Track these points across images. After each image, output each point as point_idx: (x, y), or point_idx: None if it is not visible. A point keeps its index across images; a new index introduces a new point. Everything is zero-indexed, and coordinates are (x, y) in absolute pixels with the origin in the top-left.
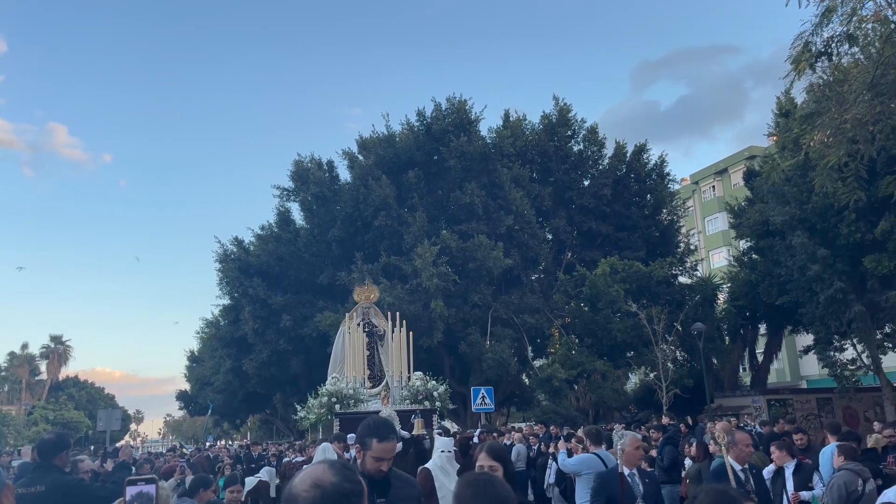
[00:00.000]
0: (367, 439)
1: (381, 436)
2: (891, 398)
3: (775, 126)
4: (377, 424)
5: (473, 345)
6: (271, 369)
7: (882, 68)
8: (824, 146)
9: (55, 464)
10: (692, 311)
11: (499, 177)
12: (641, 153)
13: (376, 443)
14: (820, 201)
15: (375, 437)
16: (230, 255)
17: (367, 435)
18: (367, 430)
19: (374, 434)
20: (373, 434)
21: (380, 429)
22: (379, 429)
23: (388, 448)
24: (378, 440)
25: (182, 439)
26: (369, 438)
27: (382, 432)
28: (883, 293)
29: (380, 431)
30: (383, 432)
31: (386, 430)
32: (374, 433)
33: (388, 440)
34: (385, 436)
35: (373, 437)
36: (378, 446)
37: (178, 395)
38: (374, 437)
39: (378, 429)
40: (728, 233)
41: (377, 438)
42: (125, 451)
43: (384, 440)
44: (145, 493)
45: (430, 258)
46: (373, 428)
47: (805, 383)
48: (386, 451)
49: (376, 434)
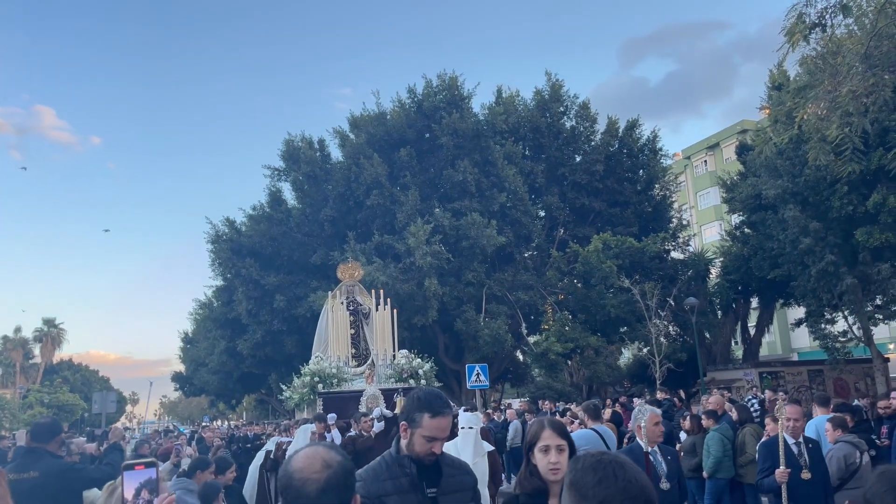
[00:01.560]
0: (415, 414)
1: (434, 409)
2: (881, 369)
3: (768, 99)
4: (429, 396)
5: (468, 322)
6: (266, 349)
7: (876, 39)
8: (818, 119)
9: (48, 449)
10: (685, 286)
11: (491, 154)
12: (633, 129)
13: (428, 418)
14: (812, 174)
15: (427, 410)
16: (222, 235)
17: (417, 409)
18: (417, 404)
19: (426, 407)
20: (423, 408)
21: (432, 401)
22: (431, 401)
23: (442, 425)
24: (431, 415)
25: (178, 420)
26: (419, 413)
27: (435, 405)
28: (874, 265)
29: (432, 404)
30: (436, 405)
31: (440, 402)
32: (426, 406)
33: (442, 415)
34: (439, 409)
35: (423, 412)
36: (431, 423)
37: (174, 377)
38: (425, 410)
39: (430, 401)
40: (720, 207)
41: (429, 413)
42: (116, 433)
43: (438, 415)
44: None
45: (423, 237)
46: (423, 400)
47: (796, 356)
48: (440, 429)
49: (428, 407)
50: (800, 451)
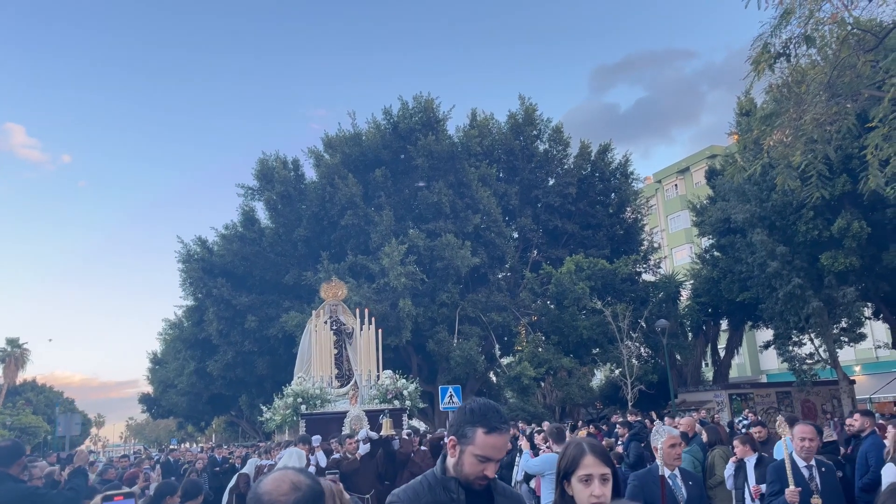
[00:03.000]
0: (466, 428)
1: (490, 424)
2: (847, 391)
3: (737, 125)
4: (483, 408)
5: (441, 343)
6: (236, 371)
7: (838, 69)
8: (783, 146)
9: (10, 473)
10: (656, 308)
11: (466, 176)
12: (605, 153)
13: (482, 434)
14: (779, 199)
15: (481, 425)
16: (193, 255)
17: (469, 422)
18: (469, 416)
19: (480, 421)
20: (477, 421)
21: (487, 414)
22: (486, 414)
23: (499, 443)
24: (486, 430)
25: (145, 443)
26: (471, 427)
27: (492, 419)
28: (839, 289)
29: (487, 418)
30: (493, 419)
31: (496, 416)
32: (480, 420)
33: (498, 431)
34: (495, 424)
35: (477, 426)
36: (485, 439)
37: (141, 398)
38: (478, 425)
39: (485, 414)
40: (690, 230)
41: (484, 427)
42: (81, 457)
43: (494, 430)
44: None
45: (397, 257)
46: (477, 413)
47: (765, 377)
48: (496, 448)
49: (482, 421)
50: (811, 475)
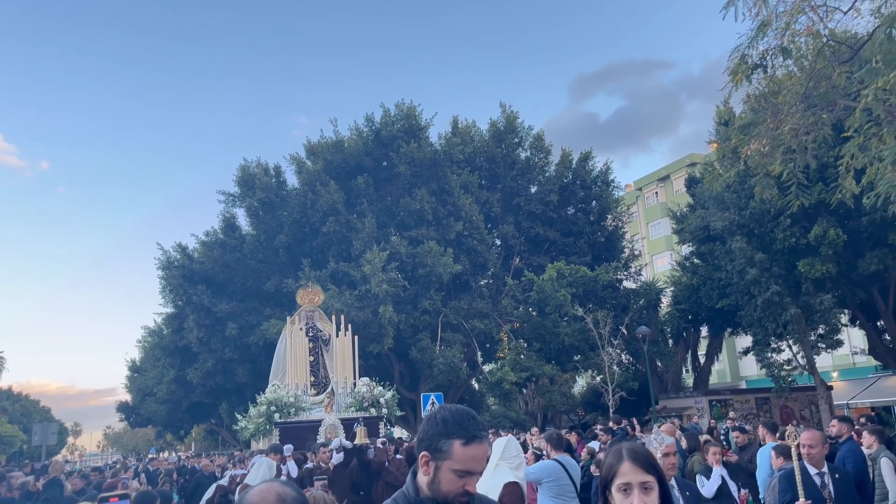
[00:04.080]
0: (441, 441)
1: (468, 433)
2: (825, 397)
3: (716, 134)
4: (458, 416)
5: (424, 350)
6: (217, 378)
7: (814, 80)
8: (761, 155)
9: None
10: (637, 315)
11: (448, 183)
12: (587, 161)
13: (460, 446)
14: (757, 207)
15: (458, 436)
16: (173, 262)
17: (444, 433)
18: (443, 427)
19: (456, 431)
20: (453, 432)
21: (464, 423)
22: (462, 423)
23: (479, 454)
24: (463, 441)
25: (123, 452)
26: (446, 440)
27: (469, 428)
28: (816, 296)
29: (464, 427)
30: (470, 427)
31: (473, 424)
32: (456, 430)
33: (477, 440)
34: (473, 433)
35: (453, 438)
36: (463, 452)
37: (119, 407)
38: (455, 436)
39: (461, 423)
40: (671, 238)
41: (461, 438)
42: (56, 467)
43: (473, 440)
44: None
45: (379, 264)
46: (451, 423)
47: (744, 383)
48: (476, 459)
49: (459, 431)
50: (823, 483)
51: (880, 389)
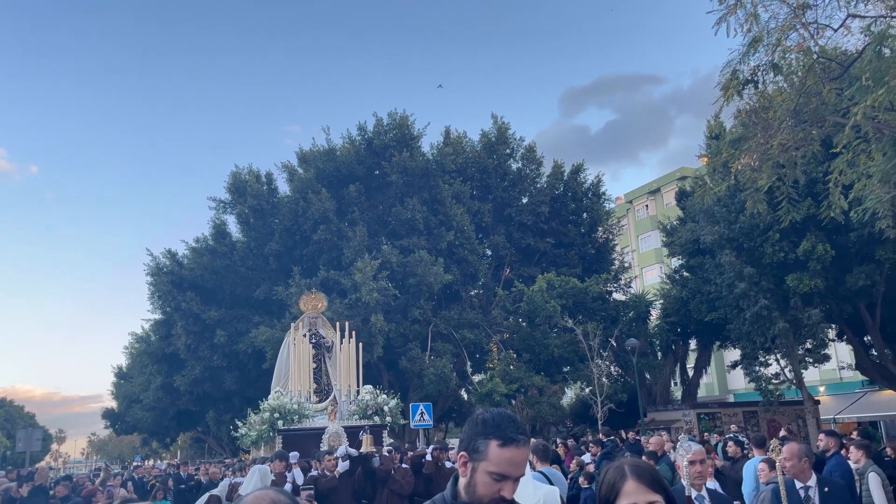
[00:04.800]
0: (478, 441)
1: (505, 435)
2: (812, 411)
3: (706, 148)
4: (497, 418)
5: (413, 360)
6: (204, 386)
7: (804, 97)
8: (751, 170)
9: None
10: (626, 327)
11: (440, 193)
12: (578, 173)
13: (496, 447)
14: (747, 221)
15: (495, 436)
16: (163, 268)
17: (481, 434)
18: (481, 427)
19: (493, 432)
20: (490, 432)
21: (502, 424)
22: (501, 424)
23: (516, 458)
24: (500, 442)
25: (108, 459)
26: (483, 440)
27: (507, 429)
28: (804, 310)
29: (502, 428)
30: (508, 429)
31: (512, 426)
32: (493, 431)
33: (516, 443)
34: (512, 436)
35: (490, 438)
36: (500, 454)
37: (104, 414)
38: (491, 437)
39: (499, 424)
40: (661, 251)
41: (498, 439)
42: (42, 474)
43: (510, 443)
44: None
45: (370, 273)
46: (490, 423)
47: (732, 397)
48: (513, 464)
49: (496, 432)
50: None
51: (867, 404)
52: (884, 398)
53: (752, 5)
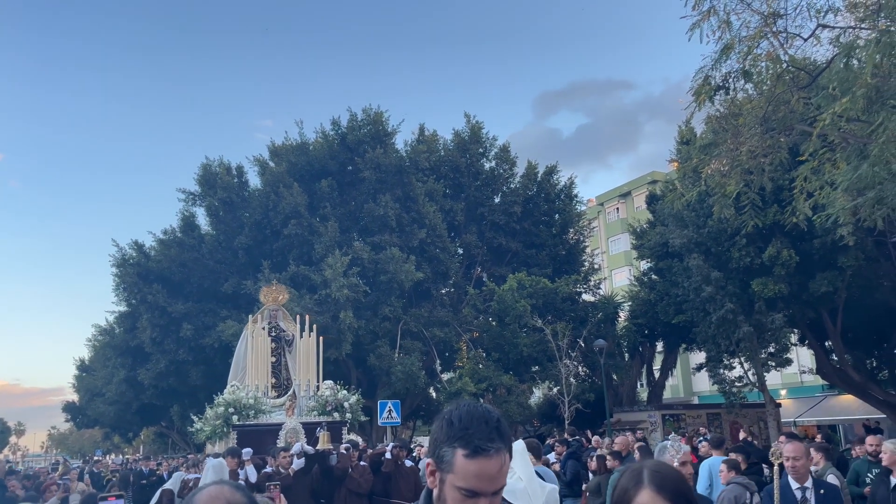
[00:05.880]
0: (443, 448)
1: (472, 445)
2: (773, 414)
3: (677, 153)
4: (468, 420)
5: (382, 357)
6: (169, 380)
7: (773, 104)
8: (720, 175)
9: None
10: (594, 328)
11: (413, 190)
12: (551, 175)
13: (462, 458)
14: (715, 226)
15: (461, 445)
16: (129, 259)
17: (446, 440)
18: (447, 431)
19: (459, 438)
20: (456, 439)
21: (470, 428)
22: (468, 429)
23: (487, 469)
24: (467, 451)
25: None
26: (449, 448)
27: (474, 437)
28: (768, 315)
29: (469, 435)
30: (476, 435)
31: (483, 430)
32: (460, 438)
33: (485, 453)
34: (479, 446)
35: (455, 446)
36: (466, 466)
37: (65, 407)
38: (457, 444)
39: (467, 428)
40: (630, 253)
41: (464, 449)
42: None
43: (478, 454)
44: None
45: (340, 269)
46: (456, 427)
47: (697, 399)
48: (481, 477)
49: (463, 440)
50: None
51: (827, 408)
52: (843, 402)
53: (725, 13)
